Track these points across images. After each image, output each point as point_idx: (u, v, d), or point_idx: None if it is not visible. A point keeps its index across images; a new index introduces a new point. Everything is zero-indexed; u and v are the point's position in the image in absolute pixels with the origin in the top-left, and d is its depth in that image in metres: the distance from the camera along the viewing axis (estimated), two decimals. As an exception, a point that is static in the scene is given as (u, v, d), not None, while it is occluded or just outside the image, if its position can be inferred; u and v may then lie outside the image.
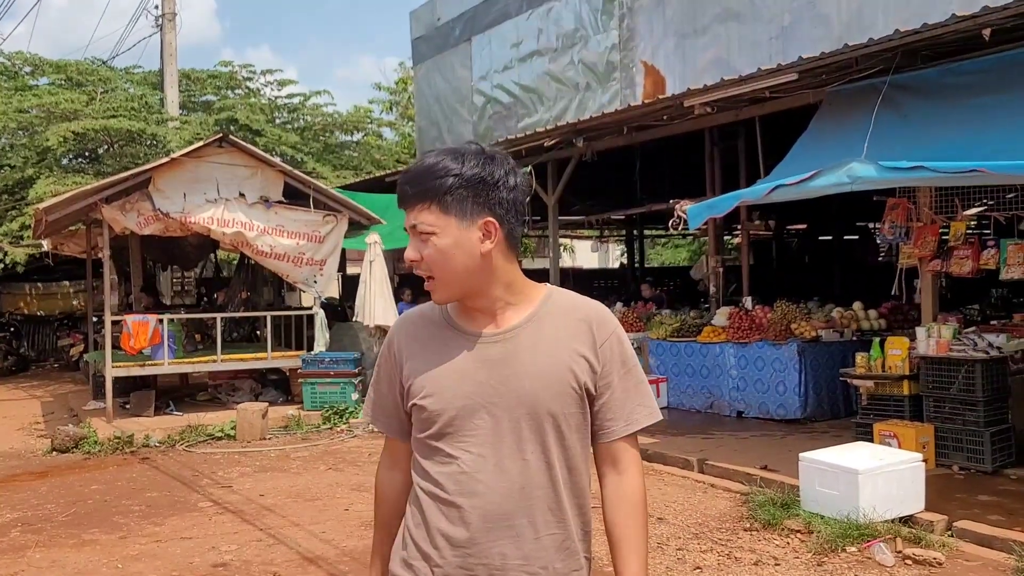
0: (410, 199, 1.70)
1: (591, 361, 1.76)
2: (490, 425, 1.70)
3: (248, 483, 7.57)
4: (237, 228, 10.27)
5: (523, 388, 1.71)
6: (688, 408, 10.48)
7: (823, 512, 5.85)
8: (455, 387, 1.71)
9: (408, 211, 1.72)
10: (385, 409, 1.88)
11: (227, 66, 21.07)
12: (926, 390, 7.26)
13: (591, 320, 1.79)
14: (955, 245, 7.24)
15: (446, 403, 1.71)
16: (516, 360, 1.72)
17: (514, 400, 1.71)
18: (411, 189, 1.70)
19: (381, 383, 1.89)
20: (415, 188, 1.70)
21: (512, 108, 15.97)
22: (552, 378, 1.73)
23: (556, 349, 1.74)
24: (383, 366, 1.88)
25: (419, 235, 1.70)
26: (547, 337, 1.75)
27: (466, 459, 1.71)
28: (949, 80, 7.08)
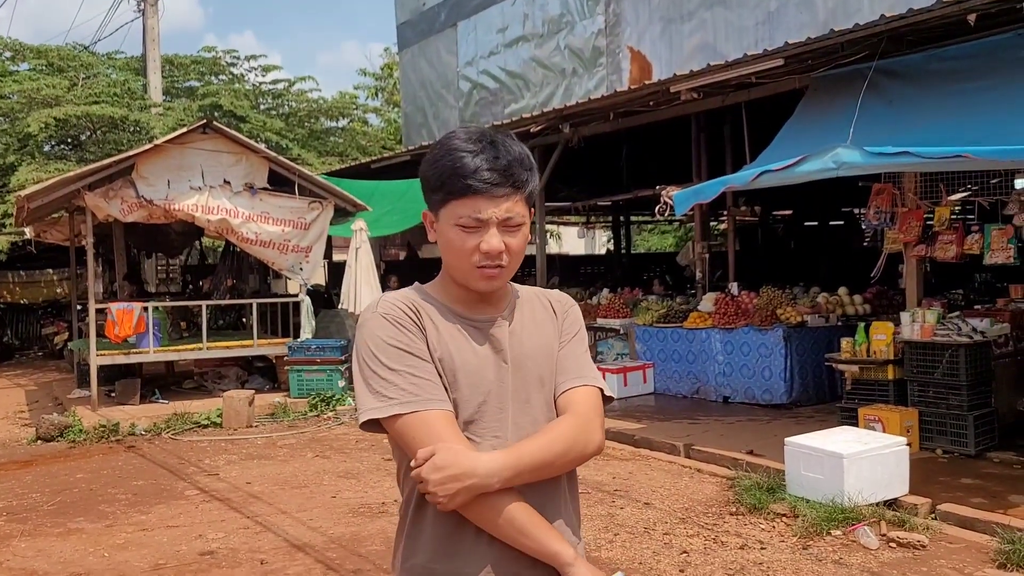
0: (504, 190, 1.66)
1: (558, 332, 1.85)
2: (510, 408, 1.73)
3: (235, 471, 7.55)
4: (222, 215, 10.20)
5: (530, 368, 1.77)
6: (674, 393, 10.52)
7: (808, 496, 5.90)
8: (480, 374, 1.72)
9: (500, 202, 1.66)
10: (437, 384, 1.68)
11: (211, 52, 20.89)
12: (910, 375, 7.31)
13: (552, 299, 1.90)
14: (940, 230, 7.29)
15: (474, 391, 1.71)
16: (522, 341, 1.78)
17: (525, 380, 1.76)
18: (505, 180, 1.66)
19: (413, 360, 1.67)
20: (510, 179, 1.67)
21: (498, 94, 15.91)
22: (548, 355, 1.81)
23: (543, 328, 1.83)
24: (410, 343, 1.68)
25: (509, 226, 1.68)
26: (535, 319, 1.83)
27: (487, 445, 1.70)
28: (934, 66, 7.09)
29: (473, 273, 1.69)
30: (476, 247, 1.66)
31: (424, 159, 1.72)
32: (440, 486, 1.60)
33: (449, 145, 1.67)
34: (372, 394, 1.66)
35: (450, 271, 1.75)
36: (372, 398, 1.66)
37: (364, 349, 1.69)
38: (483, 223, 1.65)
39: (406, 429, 1.64)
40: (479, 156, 1.65)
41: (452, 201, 1.66)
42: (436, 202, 1.70)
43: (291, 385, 10.60)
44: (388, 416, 1.64)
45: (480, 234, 1.66)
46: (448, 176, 1.65)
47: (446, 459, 1.61)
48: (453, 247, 1.69)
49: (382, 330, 1.68)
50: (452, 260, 1.72)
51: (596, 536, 5.48)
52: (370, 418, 1.66)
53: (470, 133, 1.69)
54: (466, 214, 1.65)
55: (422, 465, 1.61)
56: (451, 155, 1.65)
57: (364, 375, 1.69)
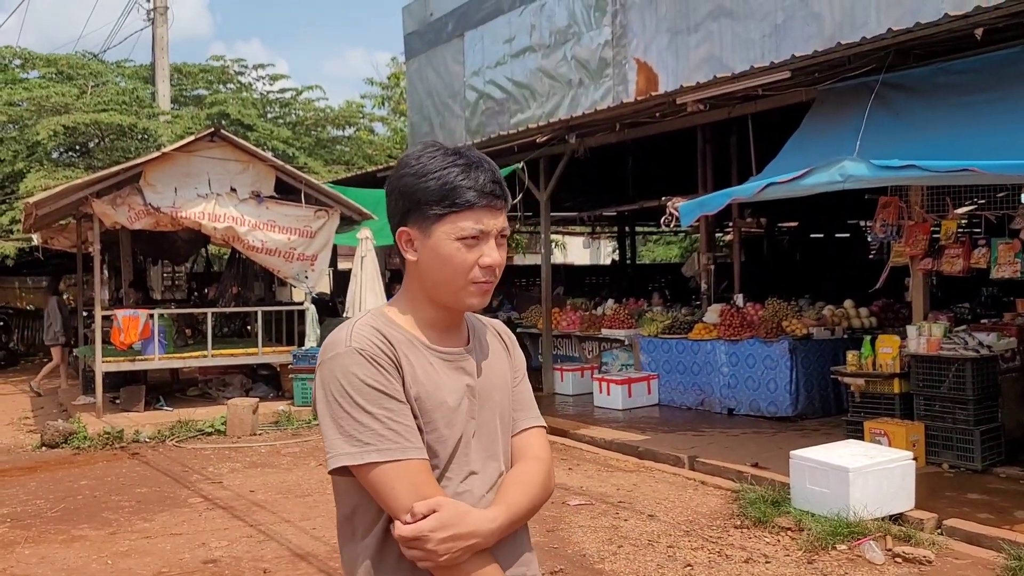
0: (497, 203, 1.65)
1: (511, 365, 1.85)
2: (479, 443, 1.70)
3: (238, 479, 7.54)
4: (228, 223, 10.22)
5: (496, 401, 1.75)
6: (679, 405, 10.50)
7: (814, 510, 5.87)
8: (456, 412, 1.66)
9: (498, 215, 1.66)
10: (414, 430, 1.59)
11: (219, 60, 21.01)
12: (917, 388, 7.29)
13: (499, 330, 1.88)
14: (946, 244, 7.27)
15: (451, 430, 1.65)
16: (486, 374, 1.75)
17: (491, 414, 1.73)
18: (501, 193, 1.66)
19: (391, 402, 1.57)
20: (503, 193, 1.67)
21: (504, 104, 15.94)
22: (506, 388, 1.79)
23: (500, 361, 1.81)
24: (387, 384, 1.58)
25: (500, 239, 1.68)
26: (493, 349, 1.81)
27: (460, 482, 1.66)
28: (941, 79, 7.09)
29: (468, 289, 1.65)
30: (475, 261, 1.63)
31: (401, 176, 1.65)
32: (443, 544, 1.52)
33: (436, 160, 1.63)
34: (345, 437, 1.55)
35: (435, 290, 1.67)
36: (344, 442, 1.54)
37: (336, 386, 1.57)
38: (485, 235, 1.63)
39: (383, 478, 1.53)
40: (477, 170, 1.63)
41: (453, 215, 1.61)
42: (431, 217, 1.62)
43: (295, 393, 10.60)
44: (363, 464, 1.53)
45: (480, 247, 1.63)
46: (449, 189, 1.60)
47: (452, 517, 1.54)
48: (450, 263, 1.63)
49: (358, 368, 1.56)
50: (445, 276, 1.64)
51: (600, 548, 5.45)
52: (344, 464, 1.55)
53: (445, 148, 1.66)
54: (470, 227, 1.62)
55: (419, 520, 1.52)
56: (445, 169, 1.62)
57: (335, 415, 1.56)
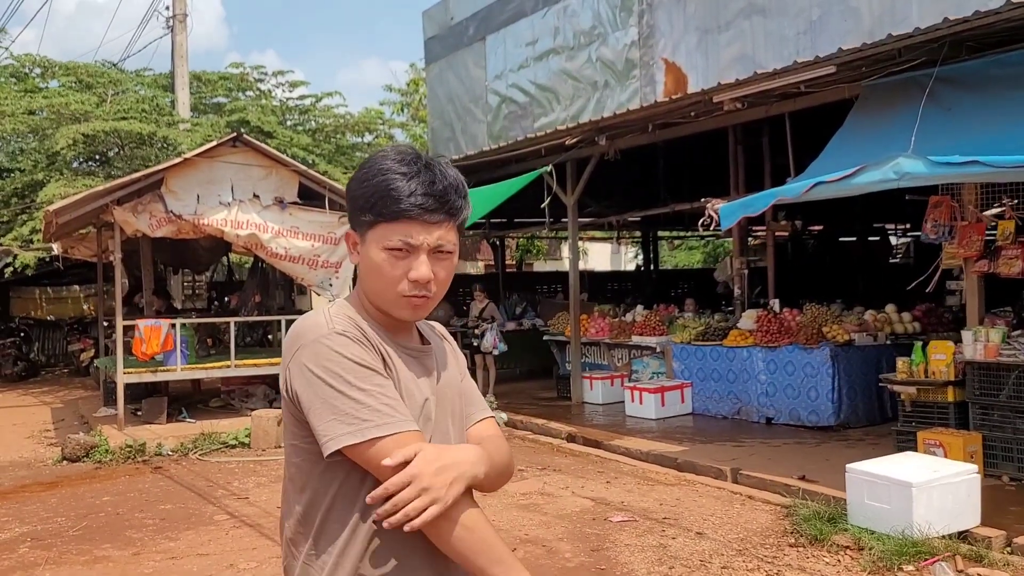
0: (438, 216, 1.58)
1: (457, 363, 1.85)
2: (435, 440, 1.65)
3: (265, 494, 7.29)
4: (251, 230, 10.01)
5: (450, 399, 1.74)
6: (714, 414, 10.18)
7: (873, 527, 5.55)
8: (422, 406, 1.64)
9: (433, 229, 1.58)
10: (402, 403, 1.57)
11: (238, 68, 20.86)
12: (972, 396, 6.95)
13: (442, 332, 1.89)
14: (1003, 244, 6.92)
15: (420, 424, 1.61)
16: (442, 370, 1.75)
17: (446, 412, 1.72)
18: (440, 206, 1.58)
19: (380, 379, 1.54)
20: (445, 206, 1.59)
21: (528, 107, 15.66)
22: (457, 386, 1.79)
23: (449, 360, 1.81)
24: (374, 362, 1.55)
25: (439, 254, 1.61)
26: (442, 349, 1.81)
27: None
28: (995, 72, 6.75)
29: (399, 301, 1.60)
30: (404, 274, 1.58)
31: (353, 177, 1.63)
32: (437, 478, 1.47)
33: (381, 165, 1.58)
34: (340, 417, 1.49)
35: (371, 296, 1.63)
36: (340, 423, 1.49)
37: (323, 369, 1.52)
38: (414, 249, 1.57)
39: (385, 453, 1.48)
40: (414, 179, 1.56)
41: (382, 224, 1.56)
42: (364, 223, 1.58)
43: (320, 404, 10.34)
44: (364, 440, 1.49)
45: (409, 260, 1.58)
46: (380, 197, 1.55)
47: (434, 451, 1.51)
48: (380, 272, 1.58)
49: (344, 348, 1.53)
50: (376, 286, 1.61)
51: (650, 569, 5.15)
52: (346, 444, 1.49)
53: (404, 154, 1.60)
54: (396, 238, 1.56)
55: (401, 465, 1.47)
56: (384, 175, 1.56)
57: (326, 397, 1.50)
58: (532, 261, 27.24)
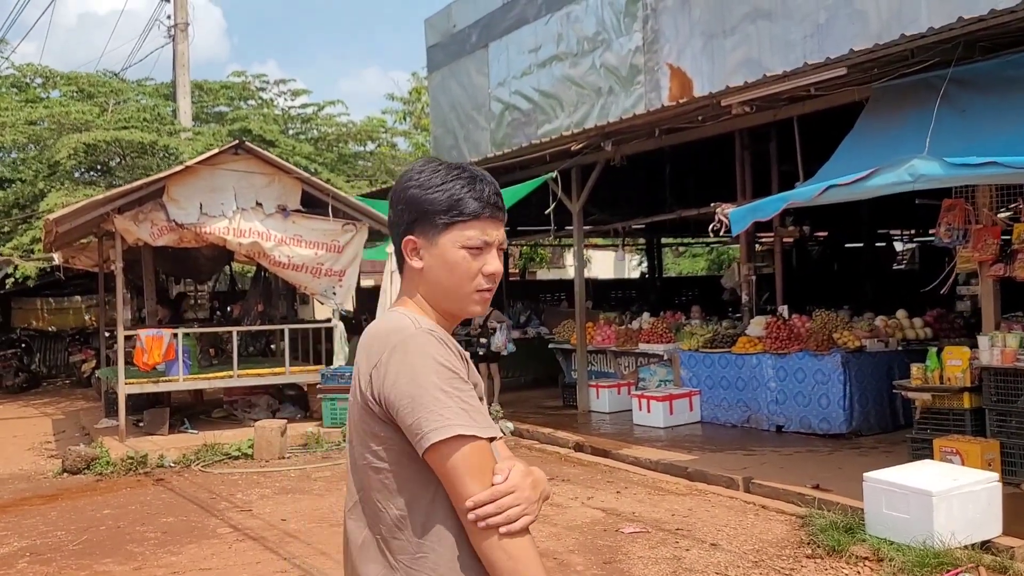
0: (499, 215, 1.74)
1: None
2: None
3: (269, 506, 7.16)
4: (254, 238, 9.91)
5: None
6: (723, 422, 10.04)
7: (892, 537, 5.41)
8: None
9: (499, 226, 1.74)
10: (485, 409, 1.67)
11: (240, 76, 20.81)
12: (989, 403, 6.81)
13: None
14: (1019, 248, 6.79)
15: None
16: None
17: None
18: (502, 206, 1.74)
19: (467, 385, 1.62)
20: (503, 206, 1.75)
21: (531, 114, 15.60)
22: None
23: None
24: (460, 368, 1.63)
25: (500, 251, 1.75)
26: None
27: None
28: (1010, 73, 6.63)
29: (472, 296, 1.72)
30: (479, 270, 1.70)
31: (409, 187, 1.71)
32: (531, 491, 1.57)
33: (443, 175, 1.70)
34: (443, 411, 1.55)
35: (440, 296, 1.73)
36: (457, 413, 1.55)
37: (428, 362, 1.58)
38: (488, 246, 1.71)
39: (482, 455, 1.56)
40: (482, 183, 1.71)
41: (459, 225, 1.68)
42: (439, 226, 1.68)
43: (324, 414, 10.22)
44: (475, 435, 1.55)
45: (483, 257, 1.71)
46: (457, 200, 1.67)
47: (524, 467, 1.60)
48: (457, 270, 1.69)
49: (436, 351, 1.61)
50: (451, 283, 1.71)
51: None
52: (459, 433, 1.53)
53: (447, 164, 1.74)
54: (476, 236, 1.69)
55: (505, 486, 1.54)
56: (454, 181, 1.69)
57: (429, 393, 1.55)
58: (535, 269, 27.11)
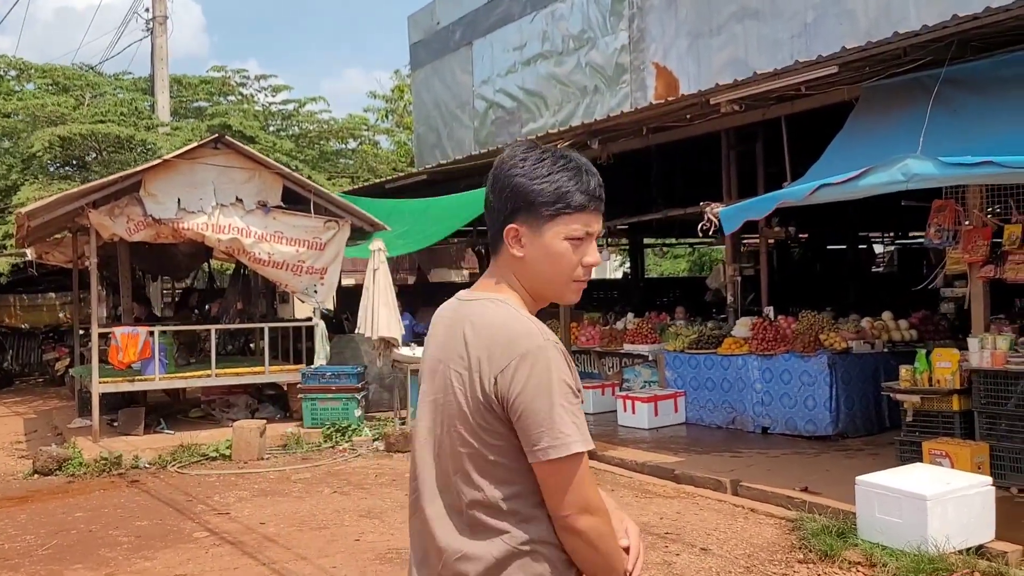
0: (602, 207, 1.77)
1: None
2: None
3: (247, 509, 6.98)
4: (233, 234, 9.70)
5: None
6: (708, 424, 9.95)
7: (885, 542, 5.32)
8: None
9: (599, 219, 1.77)
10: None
11: (220, 71, 20.51)
12: (979, 405, 6.75)
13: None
14: (1010, 249, 6.74)
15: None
16: None
17: None
18: (603, 196, 1.77)
19: (579, 406, 1.69)
20: (604, 197, 1.78)
21: (515, 113, 15.47)
22: None
23: None
24: (577, 382, 1.69)
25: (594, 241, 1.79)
26: None
27: None
28: (1003, 72, 6.59)
29: (570, 286, 1.76)
30: (580, 260, 1.74)
31: (514, 175, 1.71)
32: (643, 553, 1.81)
33: (549, 164, 1.71)
34: (575, 426, 1.64)
35: (540, 285, 1.76)
36: (577, 430, 1.64)
37: (555, 376, 1.63)
38: (588, 237, 1.74)
39: (586, 469, 1.65)
40: (588, 175, 1.74)
41: (564, 216, 1.70)
42: (545, 217, 1.70)
43: (304, 414, 10.03)
44: (582, 452, 1.64)
45: (583, 247, 1.74)
46: (565, 191, 1.70)
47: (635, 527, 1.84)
48: (560, 260, 1.72)
49: (561, 363, 1.65)
50: (552, 273, 1.74)
51: None
52: (583, 451, 1.63)
53: (552, 152, 1.74)
54: (580, 229, 1.72)
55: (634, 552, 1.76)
56: (562, 172, 1.71)
57: (562, 402, 1.63)
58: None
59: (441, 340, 1.75)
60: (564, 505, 1.62)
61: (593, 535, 1.64)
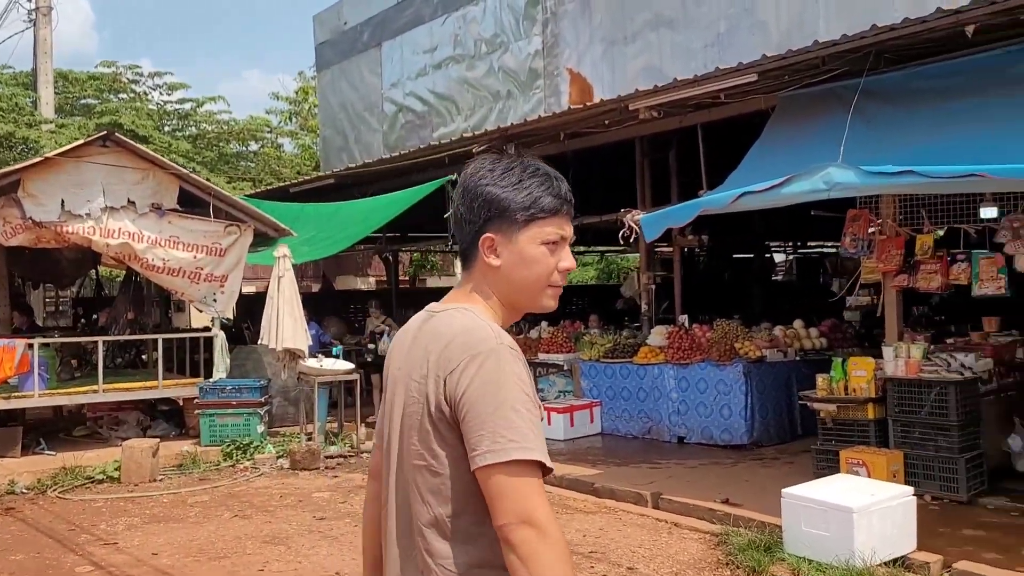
0: (572, 211, 1.78)
1: None
2: None
3: (137, 537, 6.40)
4: (123, 239, 9.02)
5: None
6: (624, 434, 9.84)
7: (812, 556, 5.24)
8: None
9: (569, 223, 1.77)
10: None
11: (110, 67, 19.39)
12: (893, 414, 6.81)
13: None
14: (922, 259, 6.84)
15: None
16: None
17: None
18: (573, 200, 1.78)
19: (536, 414, 1.60)
20: (573, 201, 1.78)
21: (426, 117, 15.14)
22: None
23: None
24: (532, 387, 1.63)
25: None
26: None
27: None
28: (916, 84, 6.69)
29: (546, 292, 1.76)
30: (555, 265, 1.74)
31: (485, 184, 1.71)
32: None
33: (521, 171, 1.73)
34: (536, 436, 1.56)
35: (518, 293, 1.75)
36: (535, 437, 1.55)
37: (509, 380, 1.58)
38: (563, 241, 1.75)
39: (531, 480, 1.53)
40: (557, 180, 1.75)
41: (539, 219, 1.71)
42: (519, 223, 1.70)
43: (202, 431, 9.39)
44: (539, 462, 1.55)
45: (558, 252, 1.74)
46: (538, 198, 1.71)
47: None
48: (535, 265, 1.72)
49: (518, 368, 1.61)
50: (529, 279, 1.73)
51: None
52: (539, 460, 1.54)
53: (520, 161, 1.76)
54: (553, 231, 1.72)
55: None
56: (533, 179, 1.72)
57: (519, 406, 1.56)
58: (425, 277, 26.53)
59: (406, 352, 1.72)
60: (501, 514, 1.51)
61: (525, 550, 1.48)
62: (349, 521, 6.65)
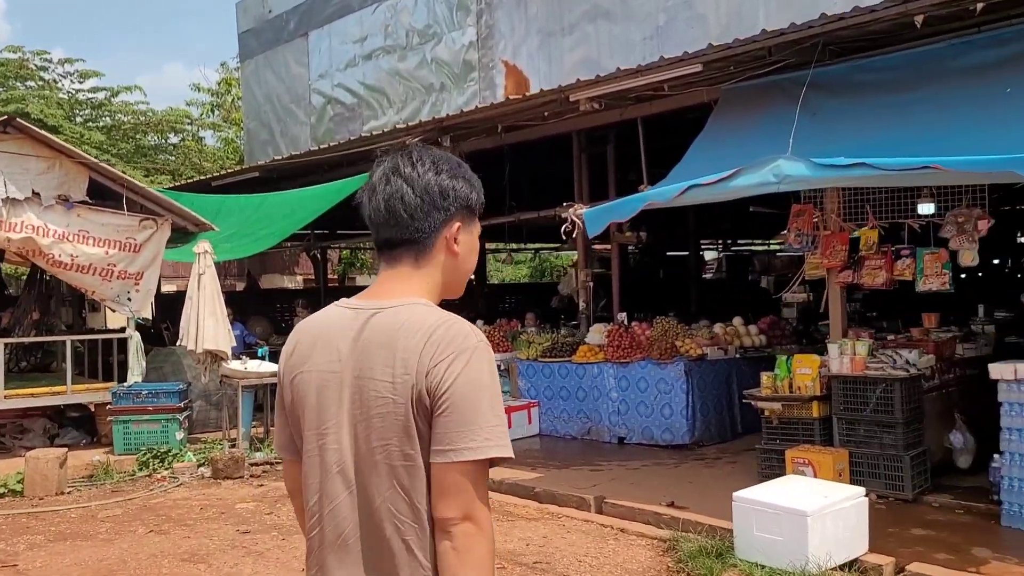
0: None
1: None
2: None
3: (40, 558, 5.85)
4: (27, 233, 8.36)
5: None
6: (563, 435, 9.59)
7: (765, 561, 5.06)
8: None
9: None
10: None
11: (16, 52, 18.28)
12: (838, 411, 6.70)
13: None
14: (867, 255, 6.75)
15: None
16: None
17: None
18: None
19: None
20: None
21: (356, 109, 14.65)
22: None
23: None
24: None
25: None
26: None
27: None
28: (859, 77, 6.61)
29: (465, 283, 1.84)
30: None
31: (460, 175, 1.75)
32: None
33: (460, 163, 1.78)
34: (501, 431, 1.59)
35: (455, 282, 1.79)
36: (501, 436, 1.58)
37: (490, 380, 1.61)
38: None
39: (485, 478, 1.58)
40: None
41: (478, 210, 1.81)
42: (472, 214, 1.78)
43: (115, 439, 8.78)
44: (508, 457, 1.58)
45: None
46: (480, 189, 1.80)
47: None
48: (474, 253, 1.81)
49: (495, 370, 1.64)
50: (471, 266, 1.81)
51: None
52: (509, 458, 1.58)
53: (447, 154, 1.80)
54: (479, 226, 1.83)
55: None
56: (469, 170, 1.79)
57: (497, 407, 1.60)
58: (355, 275, 25.90)
59: (347, 351, 1.64)
60: (451, 507, 1.54)
61: (464, 543, 1.53)
62: (276, 534, 6.22)
